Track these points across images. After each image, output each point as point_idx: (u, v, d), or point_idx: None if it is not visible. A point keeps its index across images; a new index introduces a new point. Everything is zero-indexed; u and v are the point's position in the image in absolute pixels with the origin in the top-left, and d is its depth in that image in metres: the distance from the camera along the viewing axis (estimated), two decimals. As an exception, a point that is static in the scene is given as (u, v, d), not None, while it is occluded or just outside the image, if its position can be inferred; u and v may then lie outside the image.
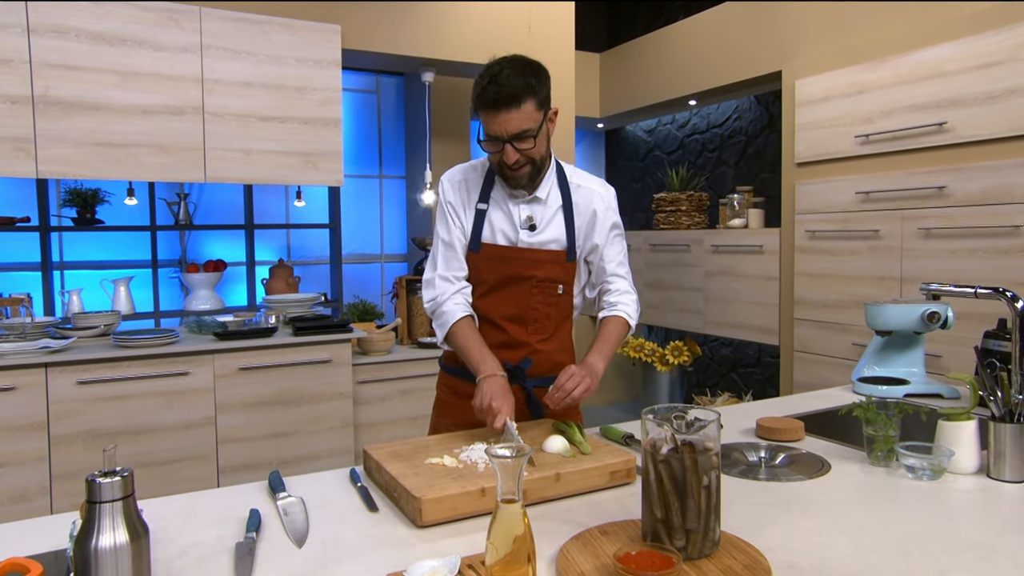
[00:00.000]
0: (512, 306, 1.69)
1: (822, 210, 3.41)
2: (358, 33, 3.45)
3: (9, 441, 2.75)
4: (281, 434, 3.21)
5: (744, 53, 3.96)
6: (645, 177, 5.48)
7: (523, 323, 1.70)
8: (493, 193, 1.70)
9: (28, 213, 3.71)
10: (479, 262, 1.70)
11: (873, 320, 2.11)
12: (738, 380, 4.76)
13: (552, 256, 1.68)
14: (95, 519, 0.76)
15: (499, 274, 1.68)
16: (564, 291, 1.72)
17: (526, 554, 0.94)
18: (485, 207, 1.69)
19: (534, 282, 1.68)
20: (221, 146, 3.16)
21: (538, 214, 1.69)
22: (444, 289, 1.70)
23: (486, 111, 1.52)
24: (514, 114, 1.51)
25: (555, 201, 1.70)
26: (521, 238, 1.68)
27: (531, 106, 1.52)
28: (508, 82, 1.49)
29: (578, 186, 1.72)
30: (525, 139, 1.54)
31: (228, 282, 4.34)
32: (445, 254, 1.72)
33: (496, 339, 1.70)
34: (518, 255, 1.67)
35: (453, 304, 1.68)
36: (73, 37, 2.88)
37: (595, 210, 1.71)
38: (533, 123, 1.54)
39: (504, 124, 1.51)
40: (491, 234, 1.68)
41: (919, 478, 1.39)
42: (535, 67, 1.57)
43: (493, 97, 1.49)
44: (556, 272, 1.69)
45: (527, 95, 1.51)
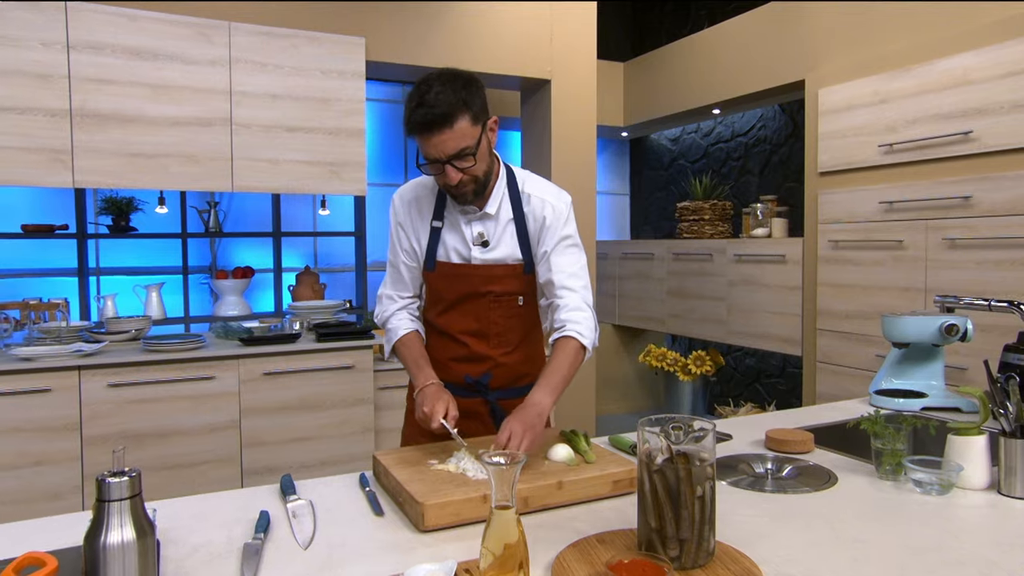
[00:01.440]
0: (472, 321, 1.67)
1: (845, 220, 3.37)
2: (382, 45, 3.52)
3: (44, 441, 2.85)
4: (304, 438, 3.27)
5: (767, 62, 3.94)
6: (669, 186, 5.47)
7: (484, 337, 1.68)
8: (446, 211, 1.67)
9: (67, 221, 3.85)
10: (435, 280, 1.68)
11: (890, 332, 2.09)
12: (762, 391, 4.71)
13: (508, 270, 1.65)
14: (104, 517, 0.81)
15: (456, 291, 1.66)
16: (525, 302, 1.69)
17: (519, 560, 0.96)
18: (440, 224, 1.66)
19: (492, 297, 1.65)
20: (248, 156, 3.25)
21: (489, 230, 1.65)
22: (387, 307, 1.73)
23: (419, 135, 1.46)
24: (448, 134, 1.44)
25: (506, 214, 1.65)
26: (474, 255, 1.64)
27: (466, 123, 1.45)
28: (438, 101, 1.41)
29: (529, 196, 1.65)
30: (465, 157, 1.48)
31: (256, 288, 4.44)
32: (392, 275, 1.74)
33: (458, 353, 1.70)
34: (473, 272, 1.64)
35: (396, 320, 1.71)
36: (109, 52, 2.99)
37: (544, 217, 1.64)
38: (471, 140, 1.47)
39: (440, 146, 1.45)
40: (445, 252, 1.66)
41: (927, 493, 1.37)
42: (465, 79, 1.49)
43: (423, 120, 1.43)
44: (514, 285, 1.66)
45: (459, 112, 1.43)
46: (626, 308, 5.07)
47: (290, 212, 4.44)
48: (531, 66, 3.84)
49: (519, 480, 1.30)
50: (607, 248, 5.26)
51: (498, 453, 0.99)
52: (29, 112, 2.90)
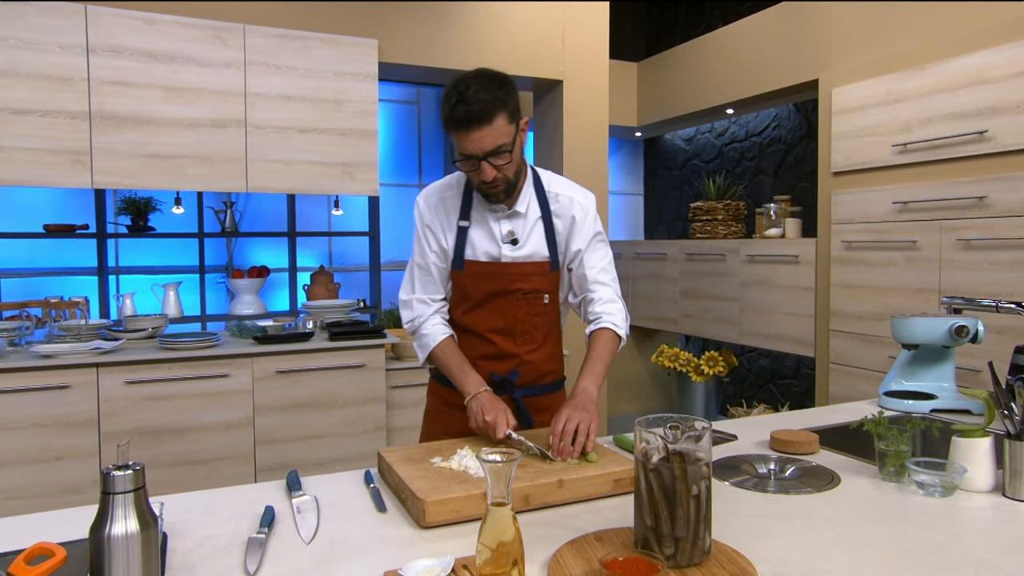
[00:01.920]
0: (499, 319, 1.70)
1: (859, 220, 3.35)
2: (395, 46, 3.55)
3: (64, 436, 2.91)
4: (316, 436, 3.31)
5: (781, 62, 3.92)
6: (683, 186, 5.46)
7: (511, 335, 1.71)
8: (473, 210, 1.70)
9: (87, 221, 3.93)
10: (463, 279, 1.70)
11: (899, 333, 2.08)
12: (775, 392, 4.69)
13: (536, 268, 1.69)
14: (109, 509, 0.83)
15: (484, 290, 1.69)
16: (550, 300, 1.72)
17: (515, 556, 0.98)
18: (467, 224, 1.69)
19: (519, 294, 1.68)
20: (262, 157, 3.29)
21: (519, 228, 1.68)
22: (422, 311, 1.74)
23: (458, 131, 1.50)
24: (487, 131, 1.48)
25: (534, 213, 1.69)
26: (504, 253, 1.68)
27: (503, 120, 1.49)
28: (477, 99, 1.46)
29: (556, 195, 1.71)
30: (501, 154, 1.52)
31: (272, 287, 4.49)
32: (421, 277, 1.74)
33: (485, 351, 1.72)
34: (502, 270, 1.67)
35: (432, 326, 1.72)
36: (127, 55, 3.05)
37: (574, 216, 1.70)
38: (507, 137, 1.51)
39: (478, 142, 1.49)
40: (473, 252, 1.69)
41: (930, 495, 1.37)
42: (502, 79, 1.55)
43: (464, 116, 1.47)
44: (541, 283, 1.69)
45: (497, 110, 1.48)
46: (639, 308, 5.06)
47: (305, 212, 4.49)
48: (543, 67, 3.85)
49: (520, 478, 1.32)
50: (620, 248, 5.25)
51: (495, 451, 1.01)
52: (50, 115, 2.96)
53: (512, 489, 1.26)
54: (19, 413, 2.84)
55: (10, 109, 2.91)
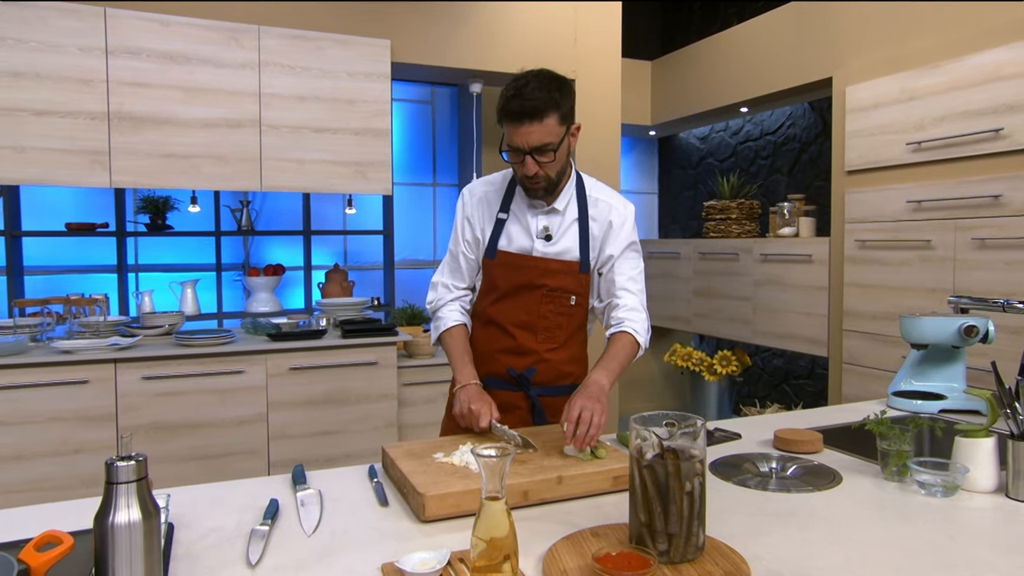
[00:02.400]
0: (523, 313, 1.73)
1: (872, 219, 3.32)
2: (407, 47, 3.57)
3: (83, 430, 2.97)
4: (328, 432, 3.35)
5: (795, 60, 3.89)
6: (698, 185, 5.44)
7: (532, 331, 1.74)
8: (513, 204, 1.75)
9: (107, 219, 4.00)
10: (494, 269, 1.75)
11: (908, 333, 2.07)
12: (790, 392, 4.66)
13: (565, 266, 1.71)
14: (112, 498, 0.86)
15: (512, 281, 1.72)
16: (577, 302, 1.74)
17: (509, 550, 0.99)
18: (505, 216, 1.75)
19: (545, 291, 1.71)
20: (276, 156, 3.34)
21: (554, 225, 1.73)
22: (443, 295, 1.81)
23: (510, 123, 1.56)
24: (536, 127, 1.54)
25: (572, 213, 1.73)
26: (536, 247, 1.72)
27: (553, 120, 1.55)
28: (533, 96, 1.52)
29: (596, 200, 1.75)
30: (546, 152, 1.58)
31: (288, 285, 4.55)
32: (451, 264, 1.81)
33: (505, 344, 1.75)
34: (531, 264, 1.71)
35: (449, 311, 1.78)
36: (145, 57, 3.10)
37: (611, 221, 1.74)
38: (555, 137, 1.57)
39: (526, 137, 1.55)
40: (507, 242, 1.74)
41: (931, 495, 1.37)
42: (560, 81, 1.60)
43: (517, 110, 1.53)
44: (568, 283, 1.72)
45: (550, 109, 1.54)
46: (652, 308, 5.02)
47: (321, 211, 4.54)
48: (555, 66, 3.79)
49: (519, 473, 1.34)
50: (634, 247, 5.24)
51: (489, 446, 1.03)
52: (71, 115, 3.02)
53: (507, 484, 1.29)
54: (40, 407, 2.91)
55: (32, 110, 2.98)
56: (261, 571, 1.06)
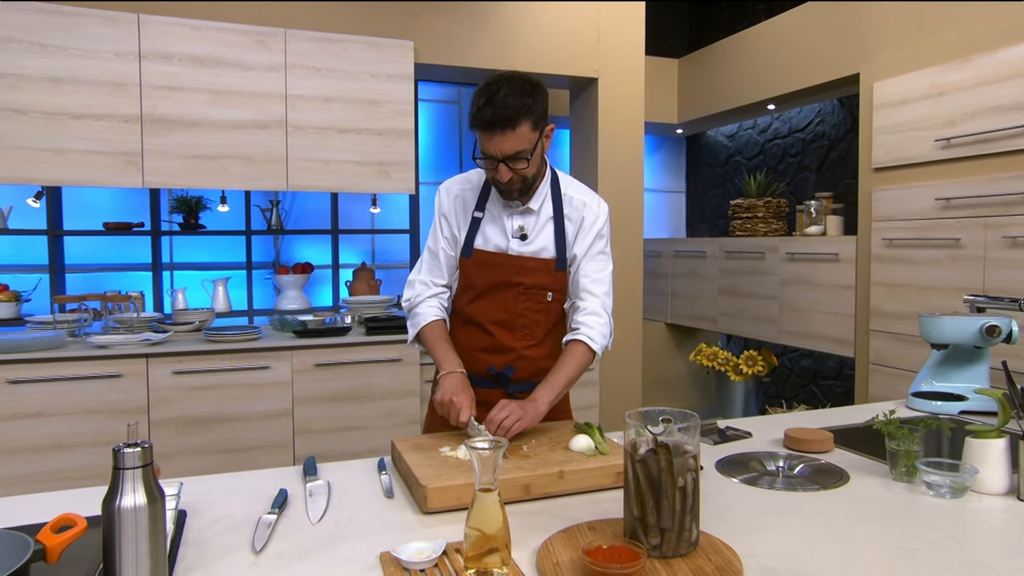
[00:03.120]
0: (500, 311, 1.74)
1: (900, 217, 3.26)
2: (430, 48, 3.62)
3: (116, 422, 3.07)
4: (352, 428, 3.41)
5: (822, 56, 3.84)
6: (725, 183, 5.39)
7: (511, 328, 1.75)
8: (488, 203, 1.76)
9: (143, 219, 4.13)
10: (470, 267, 1.76)
11: (928, 333, 2.03)
12: (818, 393, 4.59)
13: (541, 264, 1.72)
14: (119, 483, 0.91)
15: (488, 280, 1.73)
16: (554, 299, 1.75)
17: (502, 542, 1.02)
18: (481, 215, 1.75)
19: (522, 289, 1.72)
20: (302, 157, 3.41)
21: (529, 224, 1.73)
22: (420, 292, 1.79)
23: (481, 131, 1.56)
24: (509, 136, 1.54)
25: (547, 212, 1.74)
26: (511, 246, 1.72)
27: (526, 128, 1.55)
28: (504, 104, 1.51)
29: (571, 198, 1.75)
30: (519, 159, 1.58)
31: (317, 283, 4.63)
32: (429, 261, 1.80)
33: (483, 343, 1.76)
34: (507, 262, 1.72)
35: (427, 307, 1.78)
36: (176, 61, 3.19)
37: (583, 219, 1.73)
38: (528, 144, 1.57)
39: (499, 145, 1.55)
40: (483, 241, 1.74)
41: (940, 496, 1.35)
42: (532, 86, 1.58)
43: (489, 119, 1.52)
44: (544, 280, 1.72)
45: (523, 117, 1.53)
46: (678, 307, 5.03)
47: (350, 211, 4.61)
48: (578, 65, 3.86)
49: (522, 468, 1.36)
50: (659, 246, 5.22)
51: (484, 439, 1.05)
52: (106, 119, 3.13)
53: (509, 478, 1.31)
54: (76, 399, 3.02)
55: (71, 114, 3.09)
56: (265, 557, 1.10)
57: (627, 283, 4.00)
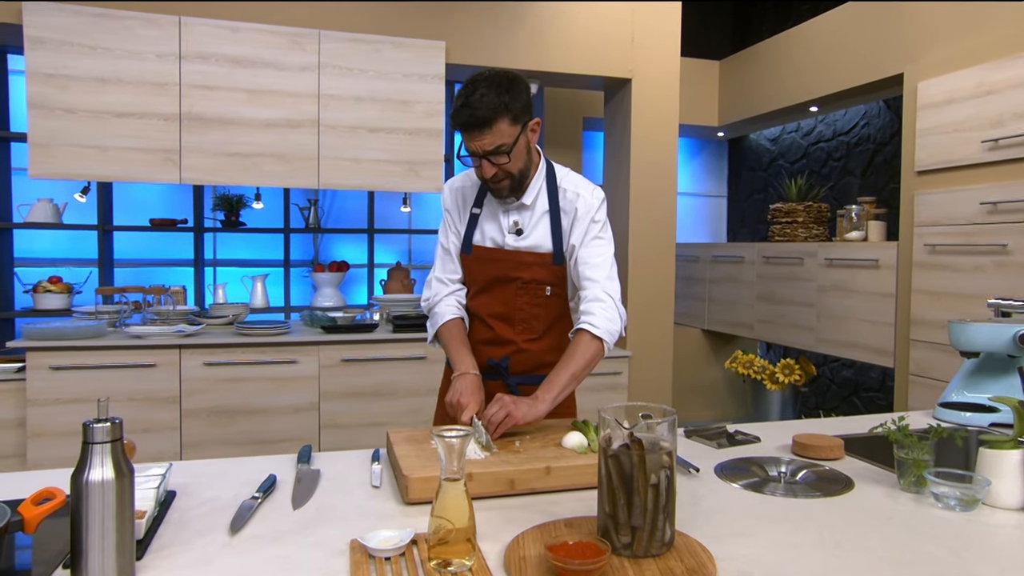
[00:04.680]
0: (500, 305, 1.75)
1: (944, 222, 3.12)
2: (462, 48, 3.63)
3: (151, 410, 3.18)
4: (377, 423, 3.44)
5: (865, 55, 3.71)
6: (767, 188, 5.25)
7: (510, 322, 1.75)
8: (486, 199, 1.77)
9: (187, 216, 4.27)
10: (470, 263, 1.78)
11: (957, 340, 1.93)
12: (859, 404, 4.43)
13: (537, 258, 1.72)
14: (88, 457, 0.93)
15: (487, 275, 1.75)
16: (553, 292, 1.74)
17: (467, 533, 1.00)
18: (479, 211, 1.77)
19: (519, 283, 1.72)
20: (333, 155, 3.46)
21: (525, 219, 1.73)
22: (438, 290, 1.82)
23: (461, 131, 1.59)
24: (487, 134, 1.56)
25: (542, 205, 1.73)
26: (507, 242, 1.73)
27: (504, 124, 1.56)
28: (480, 104, 1.53)
29: (565, 190, 1.74)
30: (500, 154, 1.59)
31: (353, 282, 4.70)
32: (443, 257, 1.83)
33: (484, 335, 1.78)
34: (504, 257, 1.73)
35: (445, 306, 1.80)
36: (214, 61, 3.29)
37: (576, 209, 1.71)
38: (508, 139, 1.58)
39: (479, 142, 1.57)
40: (481, 237, 1.76)
41: (948, 508, 1.28)
42: (510, 82, 1.58)
43: (466, 121, 1.55)
44: (542, 274, 1.72)
45: (499, 115, 1.55)
46: (715, 313, 4.92)
47: (387, 210, 4.68)
48: (611, 66, 3.82)
49: (508, 462, 1.34)
50: (697, 251, 5.12)
51: (452, 428, 1.04)
52: (146, 117, 3.24)
53: (494, 471, 1.30)
54: (114, 387, 3.13)
55: (114, 112, 3.21)
56: (239, 539, 1.12)
57: (659, 287, 3.94)
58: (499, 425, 1.46)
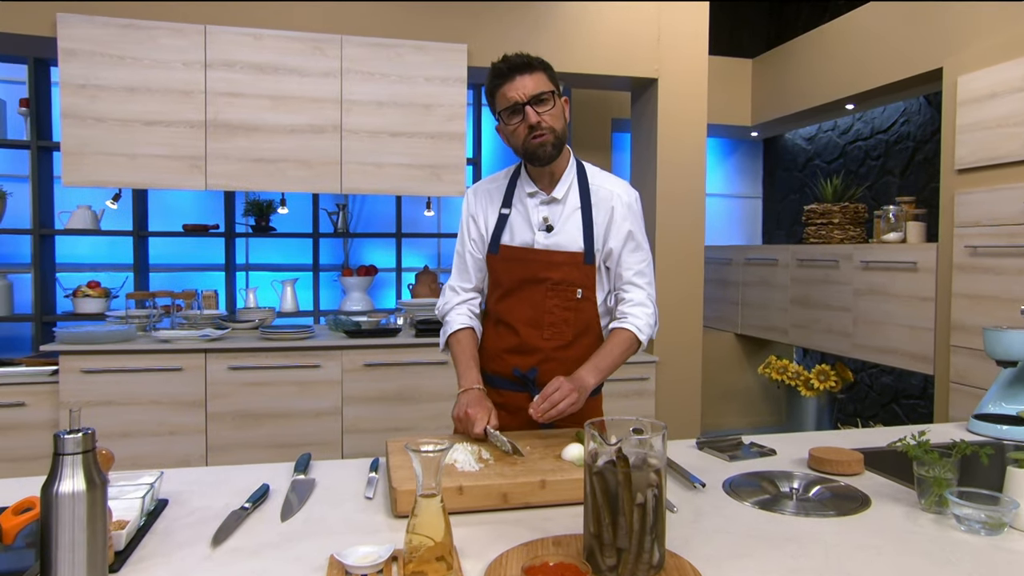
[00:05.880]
0: (528, 309, 1.69)
1: (985, 223, 2.97)
2: (485, 51, 3.60)
3: (177, 413, 3.22)
4: (400, 428, 3.43)
5: (902, 50, 3.56)
6: (804, 188, 5.10)
7: (538, 327, 1.69)
8: (514, 198, 1.73)
9: (219, 221, 4.33)
10: (497, 264, 1.72)
11: (992, 348, 1.83)
12: (900, 412, 4.26)
13: (568, 258, 1.66)
14: (59, 469, 0.92)
15: (515, 276, 1.69)
16: (584, 296, 1.68)
17: (443, 550, 0.97)
18: (508, 211, 1.72)
19: (549, 284, 1.67)
20: (355, 160, 3.47)
21: (555, 214, 1.68)
22: (450, 298, 1.79)
23: (502, 82, 1.58)
24: (528, 79, 1.56)
25: (573, 202, 1.69)
26: (537, 239, 1.68)
27: (543, 76, 1.59)
28: (519, 57, 1.59)
29: (598, 187, 1.70)
30: (544, 102, 1.57)
31: (383, 286, 4.72)
32: (458, 264, 1.80)
33: (510, 343, 1.71)
34: (533, 256, 1.67)
35: (456, 314, 1.76)
36: (238, 69, 3.33)
37: (613, 208, 1.68)
38: (549, 88, 1.59)
39: (521, 88, 1.56)
40: (510, 236, 1.71)
41: (972, 531, 1.19)
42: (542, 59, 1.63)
43: (508, 67, 1.57)
44: (573, 275, 1.66)
45: (539, 66, 1.59)
46: (748, 317, 4.79)
47: (415, 215, 4.68)
48: (637, 66, 3.75)
49: (503, 475, 1.30)
50: (730, 253, 5.00)
51: (427, 441, 1.00)
52: (174, 124, 3.30)
53: (487, 484, 1.26)
54: (142, 390, 3.19)
55: (143, 120, 3.27)
56: (220, 551, 1.10)
57: (687, 290, 3.84)
58: (562, 411, 1.46)
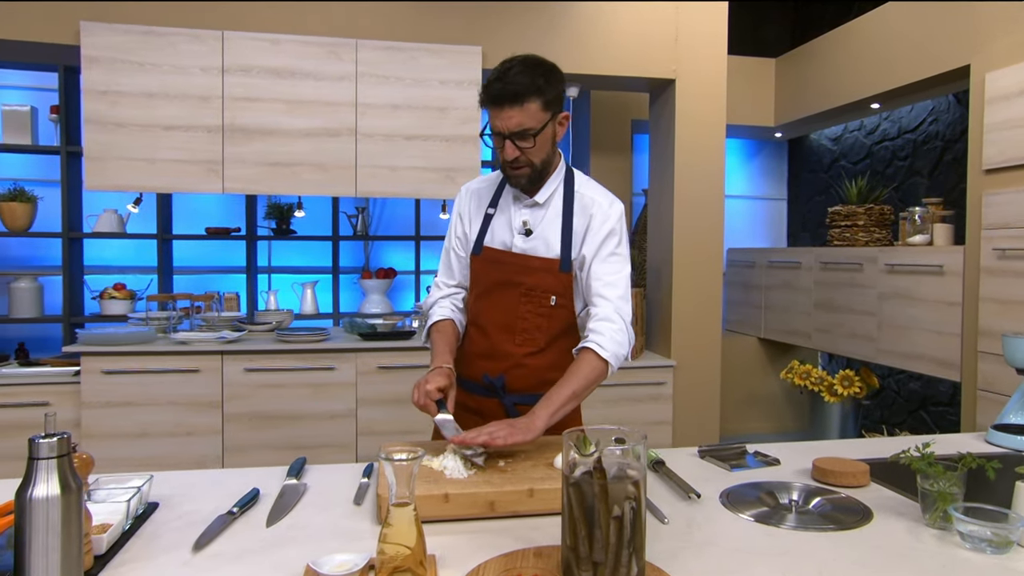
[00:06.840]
0: (501, 313, 1.67)
1: (1014, 224, 2.87)
2: (500, 52, 3.58)
3: (194, 414, 3.27)
4: (413, 431, 3.42)
5: (928, 47, 3.46)
6: (829, 189, 4.99)
7: (511, 332, 1.66)
8: (501, 199, 1.72)
9: (241, 224, 4.39)
10: (478, 265, 1.71)
11: (1012, 356, 1.76)
12: (928, 419, 4.14)
13: (544, 264, 1.63)
14: (33, 473, 0.92)
15: (491, 278, 1.68)
16: (558, 303, 1.64)
17: (414, 560, 0.95)
18: (493, 212, 1.71)
19: (523, 289, 1.64)
20: (370, 163, 3.48)
21: (535, 219, 1.66)
22: (434, 294, 1.81)
23: (490, 106, 1.54)
24: (516, 112, 1.51)
25: (556, 207, 1.66)
26: (515, 243, 1.66)
27: (535, 106, 1.51)
28: (515, 80, 1.49)
29: (582, 195, 1.67)
30: (525, 138, 1.54)
31: (403, 288, 4.74)
32: (444, 261, 1.81)
33: (481, 347, 1.70)
34: (510, 260, 1.65)
35: (438, 308, 1.77)
36: (255, 73, 3.36)
37: (592, 216, 1.63)
38: (535, 123, 1.53)
39: (505, 120, 1.52)
40: (491, 238, 1.70)
41: (977, 549, 1.14)
42: (547, 68, 1.55)
43: (497, 93, 1.51)
44: (547, 281, 1.63)
45: (532, 95, 1.50)
46: (771, 321, 4.70)
47: (434, 217, 4.69)
48: (654, 67, 3.70)
49: (490, 483, 1.28)
50: (753, 256, 4.92)
51: (400, 449, 0.99)
52: (192, 129, 3.34)
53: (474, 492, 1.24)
54: (161, 391, 3.23)
55: (162, 126, 3.32)
56: (201, 556, 1.10)
57: (705, 293, 3.78)
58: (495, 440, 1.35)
